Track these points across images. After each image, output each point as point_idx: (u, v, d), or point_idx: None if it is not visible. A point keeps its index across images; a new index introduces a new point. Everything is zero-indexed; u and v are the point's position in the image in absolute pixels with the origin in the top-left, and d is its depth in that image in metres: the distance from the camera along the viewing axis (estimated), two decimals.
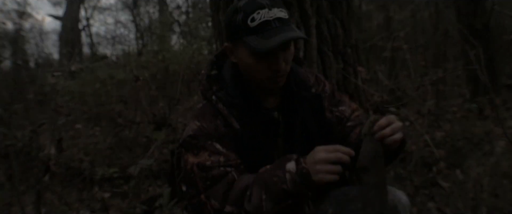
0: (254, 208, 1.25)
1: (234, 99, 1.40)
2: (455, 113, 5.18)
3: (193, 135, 1.37)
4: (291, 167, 1.23)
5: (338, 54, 2.18)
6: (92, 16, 16.58)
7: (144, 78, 5.57)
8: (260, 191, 1.25)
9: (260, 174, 1.30)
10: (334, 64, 2.14)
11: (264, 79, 1.36)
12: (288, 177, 1.22)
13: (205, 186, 1.32)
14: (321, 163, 1.18)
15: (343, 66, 2.18)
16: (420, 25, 8.05)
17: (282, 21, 1.29)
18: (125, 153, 5.19)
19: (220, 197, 1.29)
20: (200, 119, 1.39)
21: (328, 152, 1.20)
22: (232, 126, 1.38)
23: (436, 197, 2.98)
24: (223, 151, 1.35)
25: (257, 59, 1.32)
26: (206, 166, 1.33)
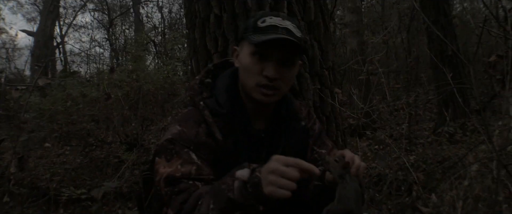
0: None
1: (222, 109, 1.35)
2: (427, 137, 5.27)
3: (171, 139, 1.30)
4: (242, 175, 1.13)
5: (315, 75, 2.17)
6: (67, 33, 16.37)
7: (115, 96, 5.46)
8: (209, 200, 1.15)
9: (214, 184, 1.22)
10: (311, 86, 2.12)
11: (254, 86, 1.32)
12: (236, 185, 1.12)
13: (169, 198, 1.24)
14: (275, 175, 1.06)
15: (320, 88, 2.17)
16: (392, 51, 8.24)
17: (289, 32, 1.30)
18: (95, 174, 5.03)
19: (177, 207, 1.21)
20: (182, 124, 1.34)
21: (287, 164, 1.07)
22: (214, 136, 1.33)
23: None
24: (197, 162, 1.28)
25: (253, 59, 1.31)
26: (175, 178, 1.24)
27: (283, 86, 1.35)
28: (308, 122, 1.54)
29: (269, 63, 1.30)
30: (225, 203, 1.12)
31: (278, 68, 1.30)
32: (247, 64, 1.33)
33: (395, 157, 3.97)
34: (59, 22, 15.53)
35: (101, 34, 18.78)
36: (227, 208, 1.12)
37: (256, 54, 1.30)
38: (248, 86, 1.34)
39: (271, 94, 1.33)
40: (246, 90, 1.37)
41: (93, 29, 20.77)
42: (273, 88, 1.32)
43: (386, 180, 3.58)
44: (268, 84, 1.31)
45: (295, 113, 1.50)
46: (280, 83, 1.33)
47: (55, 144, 6.02)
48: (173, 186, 1.24)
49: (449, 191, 2.97)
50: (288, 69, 1.33)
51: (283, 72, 1.31)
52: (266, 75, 1.30)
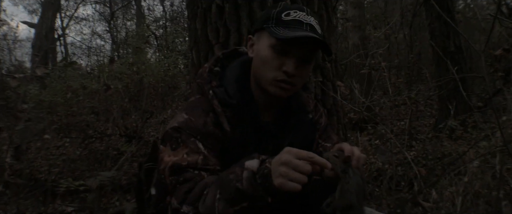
0: (206, 209, 1.12)
1: (232, 99, 1.32)
2: (427, 133, 5.25)
3: (177, 127, 1.27)
4: (252, 166, 1.10)
5: (318, 68, 2.15)
6: (68, 25, 16.35)
7: (115, 88, 5.44)
8: (215, 189, 1.12)
9: (221, 174, 1.19)
10: (312, 78, 2.10)
11: (271, 80, 1.29)
12: (245, 175, 1.09)
13: (173, 187, 1.21)
14: (287, 167, 1.03)
15: (321, 81, 2.15)
16: (394, 46, 8.21)
17: (313, 29, 1.28)
18: (94, 166, 5.02)
19: (181, 196, 1.18)
20: (189, 112, 1.30)
21: (299, 157, 1.04)
22: (222, 126, 1.29)
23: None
24: (203, 152, 1.25)
25: (274, 53, 1.27)
26: (181, 167, 1.21)
27: (299, 83, 1.33)
28: (315, 115, 1.53)
29: (290, 59, 1.26)
30: (233, 193, 1.09)
31: (298, 64, 1.27)
32: (266, 57, 1.28)
33: (395, 152, 3.96)
34: (61, 14, 15.50)
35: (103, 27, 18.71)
36: (235, 198, 1.09)
37: (277, 47, 1.26)
38: (264, 79, 1.31)
39: (288, 89, 1.30)
40: (260, 83, 1.33)
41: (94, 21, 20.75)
42: (290, 84, 1.29)
43: (386, 175, 3.57)
44: (286, 79, 1.28)
45: (304, 106, 1.48)
46: (297, 80, 1.30)
47: (54, 136, 6.00)
48: (178, 175, 1.21)
49: (449, 187, 2.96)
50: (306, 66, 1.31)
51: (301, 69, 1.29)
52: (286, 71, 1.26)
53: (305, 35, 1.22)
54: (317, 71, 2.15)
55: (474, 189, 2.84)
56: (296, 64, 1.26)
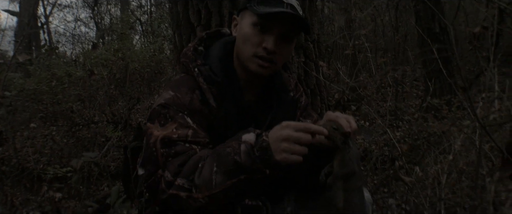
0: (203, 182, 1.13)
1: (217, 77, 1.34)
2: (413, 113, 5.31)
3: (165, 104, 1.28)
4: (249, 138, 1.13)
5: (300, 48, 2.16)
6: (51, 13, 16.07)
7: (101, 75, 5.39)
8: (212, 162, 1.14)
9: (216, 147, 1.21)
10: (295, 58, 2.11)
11: (251, 56, 1.32)
12: (242, 148, 1.12)
13: (165, 161, 1.22)
14: (288, 142, 1.07)
15: (304, 61, 2.16)
16: (380, 28, 8.23)
17: (293, 8, 1.31)
18: (81, 153, 5.01)
19: (174, 169, 1.19)
20: (175, 89, 1.32)
21: (298, 129, 1.08)
22: (208, 103, 1.32)
23: (396, 194, 3.02)
24: (192, 126, 1.27)
25: (254, 30, 1.30)
26: (172, 140, 1.23)
27: (279, 61, 1.36)
28: (296, 93, 1.56)
29: (269, 36, 1.29)
30: (231, 166, 1.11)
31: (278, 42, 1.30)
32: (247, 34, 1.32)
33: (381, 133, 4.01)
34: (43, 2, 15.21)
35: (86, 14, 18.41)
36: (233, 171, 1.11)
37: (258, 25, 1.30)
38: (245, 56, 1.34)
39: (267, 66, 1.33)
40: (241, 60, 1.36)
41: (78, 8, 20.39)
42: (270, 61, 1.32)
43: (373, 155, 3.62)
44: (265, 56, 1.31)
45: (285, 85, 1.50)
46: (277, 57, 1.33)
47: (41, 124, 5.95)
48: (170, 148, 1.22)
49: (434, 166, 3.01)
50: (286, 45, 1.34)
51: (281, 47, 1.32)
52: (265, 47, 1.29)
53: (284, 11, 1.25)
54: (300, 52, 2.16)
55: (459, 166, 2.89)
56: (275, 41, 1.29)
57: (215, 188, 1.12)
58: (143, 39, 9.57)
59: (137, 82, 6.35)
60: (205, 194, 1.13)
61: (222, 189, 1.12)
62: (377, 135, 3.95)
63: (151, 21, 9.74)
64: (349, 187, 1.17)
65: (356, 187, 1.18)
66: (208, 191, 1.13)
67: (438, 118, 4.84)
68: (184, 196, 1.16)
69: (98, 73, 5.24)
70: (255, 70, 1.33)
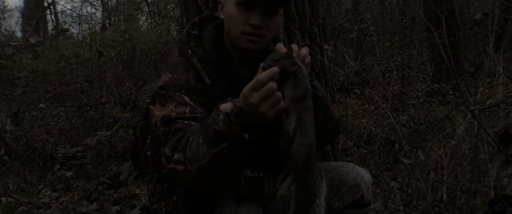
0: (192, 154, 1.22)
1: (209, 56, 1.43)
2: (419, 97, 5.32)
3: (163, 86, 1.38)
4: (226, 108, 1.21)
5: (305, 32, 2.18)
6: None
7: (108, 56, 5.43)
8: (198, 135, 1.23)
9: (203, 121, 1.29)
10: (300, 42, 2.14)
11: (238, 34, 1.39)
12: (220, 118, 1.20)
13: (166, 138, 1.31)
14: (266, 101, 1.15)
15: (309, 44, 2.18)
16: (387, 11, 8.17)
17: None
18: (90, 134, 5.08)
19: (172, 145, 1.28)
20: (172, 71, 1.42)
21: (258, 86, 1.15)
22: (203, 81, 1.41)
23: (398, 178, 3.07)
24: (190, 103, 1.36)
25: (239, 9, 1.37)
26: (171, 118, 1.32)
27: (267, 34, 1.42)
28: None
29: (253, 12, 1.36)
30: (212, 135, 1.20)
31: (262, 17, 1.37)
32: (233, 14, 1.38)
33: (386, 117, 4.03)
34: None
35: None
36: (215, 140, 1.20)
37: (241, 4, 1.36)
38: (234, 35, 1.40)
39: (256, 41, 1.39)
40: (231, 40, 1.43)
41: None
42: (258, 35, 1.39)
43: (376, 139, 3.65)
44: (252, 32, 1.37)
45: None
46: (264, 31, 1.40)
47: (49, 105, 6.03)
48: (169, 126, 1.31)
49: (437, 150, 3.04)
50: (271, 18, 1.40)
51: (267, 21, 1.38)
52: (251, 23, 1.36)
53: None
54: (305, 35, 2.19)
55: (461, 152, 2.92)
56: (260, 16, 1.36)
57: (202, 159, 1.21)
58: (149, 20, 9.55)
59: (144, 64, 6.38)
60: (196, 166, 1.22)
61: (209, 159, 1.21)
62: (381, 119, 3.98)
63: (158, 2, 9.70)
64: (303, 106, 1.21)
65: (310, 106, 1.22)
66: (197, 162, 1.22)
67: (443, 103, 4.86)
68: (181, 169, 1.24)
69: (106, 54, 5.27)
70: (246, 47, 1.40)
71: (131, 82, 5.97)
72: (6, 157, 2.14)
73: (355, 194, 1.48)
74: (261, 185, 1.38)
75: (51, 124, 5.49)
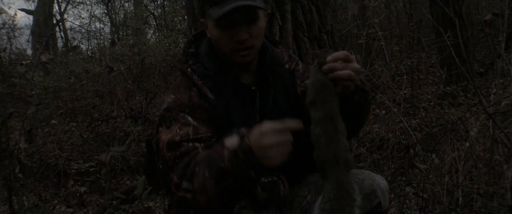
0: (199, 187, 1.20)
1: (208, 71, 1.42)
2: (430, 100, 5.27)
3: (168, 108, 1.38)
4: (231, 144, 1.17)
5: (314, 40, 2.18)
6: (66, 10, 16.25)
7: (118, 70, 5.48)
8: (204, 168, 1.20)
9: (210, 150, 1.27)
10: (310, 50, 2.14)
11: (229, 52, 1.39)
12: (226, 155, 1.16)
13: (173, 163, 1.30)
14: (274, 148, 1.12)
15: None
16: (394, 15, 8.15)
17: None
18: (102, 148, 5.11)
19: (179, 172, 1.26)
20: (175, 92, 1.41)
21: (276, 132, 1.13)
22: (206, 97, 1.39)
23: (413, 182, 3.03)
24: (193, 123, 1.34)
25: (220, 30, 1.35)
26: (175, 142, 1.31)
27: (256, 43, 1.40)
28: (291, 64, 1.58)
29: (235, 29, 1.34)
30: (217, 172, 1.17)
31: (245, 29, 1.35)
32: (217, 36, 1.38)
33: (398, 121, 4.00)
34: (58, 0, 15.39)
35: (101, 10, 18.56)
36: (220, 177, 1.17)
37: (221, 25, 1.34)
38: (225, 53, 1.40)
39: (248, 53, 1.39)
40: (225, 57, 1.43)
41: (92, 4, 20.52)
42: (247, 48, 1.38)
43: (389, 144, 3.62)
44: (241, 47, 1.36)
45: (278, 60, 1.55)
46: (253, 41, 1.38)
47: (61, 121, 6.09)
48: (175, 151, 1.30)
49: (451, 153, 3.00)
50: (255, 25, 1.37)
51: (251, 30, 1.36)
52: (237, 40, 1.34)
53: (233, 7, 1.29)
54: (314, 43, 2.19)
55: (475, 154, 2.88)
56: (243, 29, 1.34)
57: (210, 192, 1.19)
58: (157, 33, 9.64)
59: (154, 77, 6.43)
60: (203, 198, 1.21)
61: (216, 193, 1.19)
62: (393, 123, 3.95)
63: (165, 15, 9.80)
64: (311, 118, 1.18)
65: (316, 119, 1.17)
66: (205, 195, 1.20)
67: (454, 105, 4.82)
68: (190, 198, 1.23)
69: (116, 69, 5.33)
70: (240, 61, 1.40)
71: (141, 96, 6.02)
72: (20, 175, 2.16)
73: (372, 201, 1.46)
74: (277, 188, 1.37)
75: (63, 139, 5.54)
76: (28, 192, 3.18)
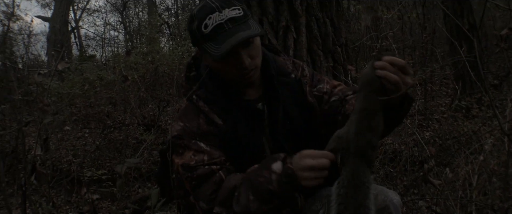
0: (242, 209, 1.25)
1: (214, 95, 1.41)
2: (443, 112, 5.23)
3: (177, 135, 1.38)
4: (277, 168, 1.24)
5: (328, 53, 2.19)
6: (81, 18, 16.51)
7: (132, 78, 5.54)
8: (247, 191, 1.25)
9: (247, 174, 1.30)
10: (324, 63, 2.14)
11: (236, 79, 1.37)
12: (274, 178, 1.23)
13: (192, 187, 1.32)
14: (307, 170, 1.19)
15: (333, 65, 2.19)
16: (407, 26, 8.12)
17: (235, 21, 1.29)
18: (114, 155, 5.15)
19: (207, 198, 1.29)
20: (183, 119, 1.41)
21: (314, 157, 1.20)
22: (214, 122, 1.39)
23: (426, 196, 3.00)
24: (206, 149, 1.35)
25: (220, 63, 1.33)
26: (191, 166, 1.33)
27: (258, 61, 1.38)
28: (297, 73, 1.55)
29: (238, 58, 1.31)
30: (265, 194, 1.23)
31: (245, 53, 1.31)
32: (220, 69, 1.36)
33: (410, 133, 3.97)
34: (73, 7, 15.65)
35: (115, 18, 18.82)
36: (267, 198, 1.24)
37: (221, 60, 1.30)
38: (231, 80, 1.39)
39: (253, 74, 1.37)
40: (230, 82, 1.41)
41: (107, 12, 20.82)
42: (251, 70, 1.35)
43: (402, 156, 3.59)
44: (246, 72, 1.34)
45: (282, 69, 1.52)
46: (254, 62, 1.35)
47: (74, 127, 6.16)
48: (191, 172, 1.33)
49: (465, 166, 2.97)
50: (252, 46, 1.34)
51: (250, 52, 1.33)
52: (241, 68, 1.32)
53: (234, 44, 1.25)
54: (328, 56, 2.19)
55: (490, 167, 2.85)
56: (244, 57, 1.31)
57: (253, 213, 1.25)
58: (170, 41, 9.73)
59: (167, 85, 6.48)
60: None
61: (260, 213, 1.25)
62: (406, 135, 3.92)
63: (179, 24, 9.89)
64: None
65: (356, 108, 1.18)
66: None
67: (468, 117, 4.77)
68: None
69: (130, 77, 5.39)
70: (247, 82, 1.40)
71: (154, 104, 6.06)
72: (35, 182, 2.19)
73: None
74: (295, 201, 1.39)
75: (76, 146, 5.59)
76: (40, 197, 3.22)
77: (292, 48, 2.11)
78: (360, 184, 1.15)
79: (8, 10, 12.79)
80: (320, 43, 2.16)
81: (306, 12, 2.16)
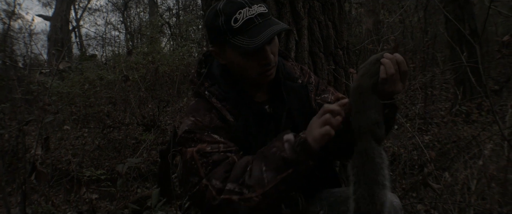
0: (255, 181, 1.22)
1: (227, 93, 1.41)
2: (443, 117, 5.24)
3: (189, 130, 1.36)
4: (289, 138, 1.24)
5: (330, 55, 2.18)
6: (82, 17, 16.51)
7: (132, 78, 5.53)
8: (260, 163, 1.24)
9: (259, 151, 1.30)
10: (325, 66, 2.14)
11: (255, 76, 1.37)
12: (286, 146, 1.22)
13: (207, 171, 1.30)
14: (324, 121, 1.20)
15: (334, 68, 2.19)
16: (409, 30, 8.13)
17: (263, 16, 1.31)
18: (113, 155, 5.16)
19: (221, 176, 1.27)
20: (194, 114, 1.39)
21: (319, 116, 1.22)
22: (226, 119, 1.39)
23: (424, 200, 3.00)
24: (221, 140, 1.34)
25: (247, 58, 1.33)
26: (207, 152, 1.31)
27: (276, 58, 1.40)
28: (304, 78, 1.58)
29: (263, 53, 1.32)
30: (279, 162, 1.21)
31: (270, 50, 1.33)
32: (244, 64, 1.35)
33: (410, 137, 3.98)
34: (74, 6, 15.65)
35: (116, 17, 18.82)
36: (281, 166, 1.21)
37: (249, 54, 1.32)
38: (251, 77, 1.39)
39: (273, 72, 1.39)
40: (248, 80, 1.41)
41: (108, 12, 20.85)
42: (273, 67, 1.37)
43: (401, 159, 3.59)
44: (268, 68, 1.35)
45: (290, 74, 1.54)
46: (275, 58, 1.38)
47: (73, 127, 6.15)
48: (207, 158, 1.30)
49: (464, 171, 2.97)
50: (274, 43, 1.36)
51: (274, 49, 1.36)
52: (265, 63, 1.34)
53: (269, 37, 1.27)
54: (330, 59, 2.19)
55: (489, 172, 2.85)
56: (268, 53, 1.33)
57: (267, 184, 1.22)
58: (171, 42, 9.73)
59: (167, 85, 6.48)
60: (259, 192, 1.22)
61: (274, 185, 1.22)
62: (405, 139, 3.92)
63: (180, 24, 9.90)
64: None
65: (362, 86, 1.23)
66: (261, 188, 1.22)
67: (468, 122, 4.77)
68: (236, 199, 1.24)
69: (130, 77, 5.39)
70: (266, 81, 1.40)
71: (154, 104, 6.06)
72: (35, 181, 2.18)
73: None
74: (297, 203, 1.40)
75: (76, 145, 5.59)
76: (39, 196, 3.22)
77: (294, 51, 2.10)
78: (369, 160, 1.17)
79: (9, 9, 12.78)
80: (321, 45, 2.15)
81: (308, 14, 2.16)
